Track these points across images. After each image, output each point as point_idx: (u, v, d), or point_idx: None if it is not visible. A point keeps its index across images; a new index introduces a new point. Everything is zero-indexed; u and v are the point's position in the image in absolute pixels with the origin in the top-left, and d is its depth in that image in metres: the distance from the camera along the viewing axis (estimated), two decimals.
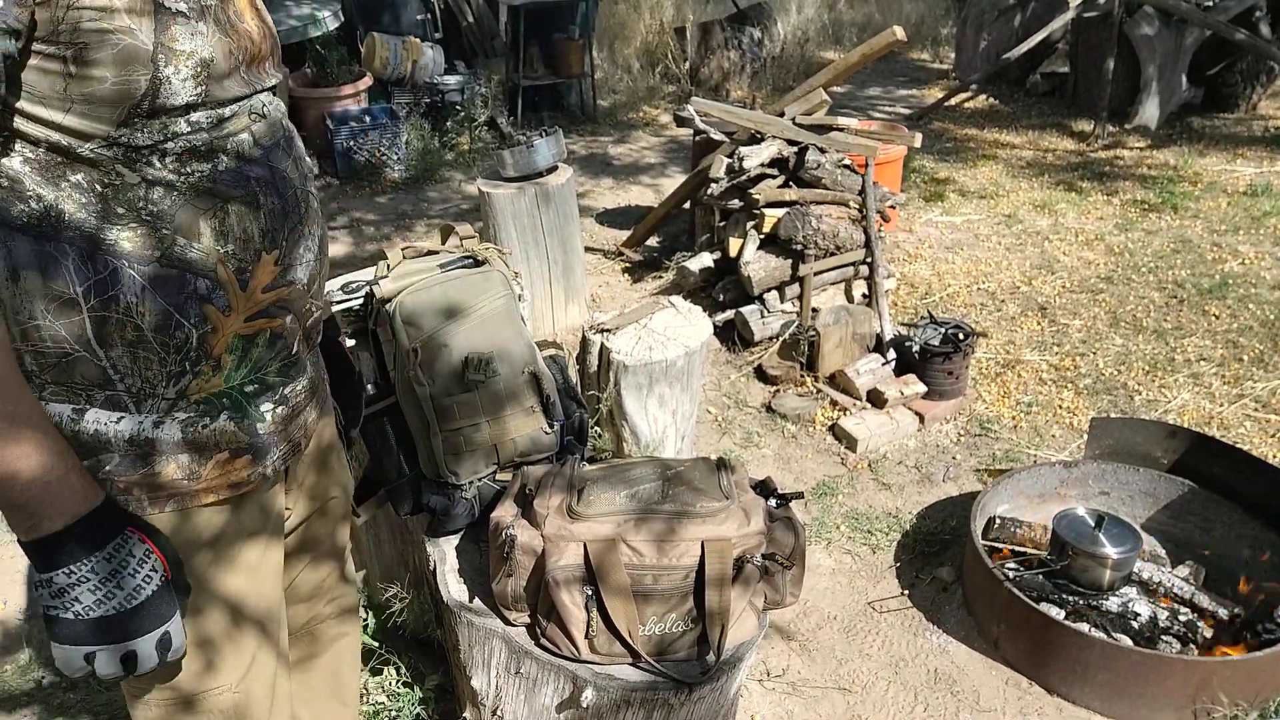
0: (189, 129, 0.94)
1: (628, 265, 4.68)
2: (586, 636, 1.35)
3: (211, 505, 1.04)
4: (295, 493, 1.26)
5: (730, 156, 3.83)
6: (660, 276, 4.44)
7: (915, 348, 3.29)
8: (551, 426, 1.63)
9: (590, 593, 1.35)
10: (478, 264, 1.74)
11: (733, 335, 3.71)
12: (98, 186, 0.92)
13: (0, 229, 0.90)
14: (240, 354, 1.03)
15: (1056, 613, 2.19)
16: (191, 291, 0.97)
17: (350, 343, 1.45)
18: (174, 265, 0.96)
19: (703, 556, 1.36)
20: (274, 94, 1.07)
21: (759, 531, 1.41)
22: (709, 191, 3.87)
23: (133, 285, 0.94)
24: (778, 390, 3.46)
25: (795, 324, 3.53)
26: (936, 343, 3.25)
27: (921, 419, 3.24)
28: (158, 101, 0.91)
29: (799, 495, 1.51)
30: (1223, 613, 2.18)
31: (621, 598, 1.34)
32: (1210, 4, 6.60)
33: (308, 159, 1.15)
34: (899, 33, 3.98)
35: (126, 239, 0.94)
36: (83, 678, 0.91)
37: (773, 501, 1.50)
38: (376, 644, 2.12)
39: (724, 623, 1.36)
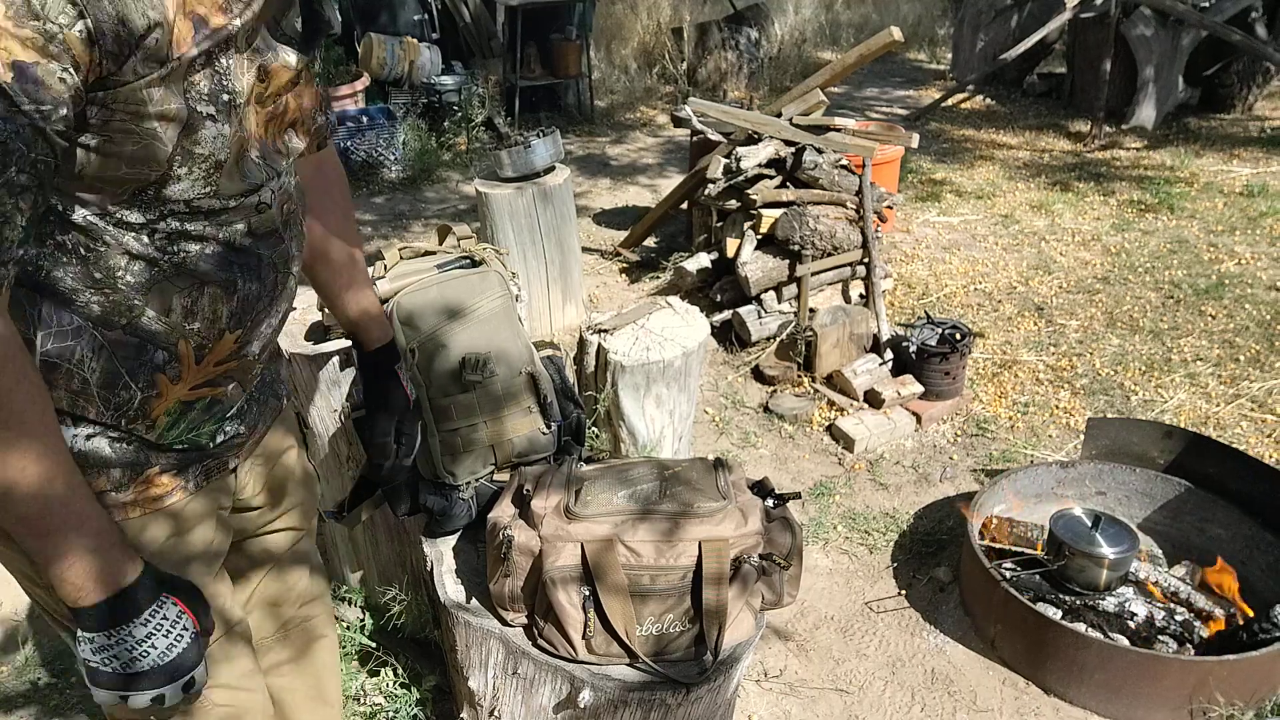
0: (186, 215, 0.95)
1: (625, 265, 4.68)
2: (584, 637, 1.35)
3: (138, 518, 1.03)
4: (255, 498, 1.26)
5: (727, 157, 3.83)
6: (657, 277, 4.44)
7: (912, 348, 3.29)
8: (549, 427, 1.63)
9: (587, 593, 1.35)
10: (475, 264, 1.74)
11: (730, 336, 3.71)
12: (81, 250, 0.91)
13: None
14: (177, 416, 1.03)
15: (1053, 613, 2.19)
16: (147, 360, 0.97)
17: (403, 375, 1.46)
18: (137, 334, 0.96)
19: (700, 556, 1.36)
20: (287, 172, 1.08)
21: (756, 532, 1.41)
22: (706, 192, 3.87)
23: (91, 343, 0.94)
24: (775, 390, 3.46)
25: (792, 324, 3.54)
26: (933, 343, 3.26)
27: (919, 419, 3.24)
28: (163, 192, 0.91)
29: (796, 495, 1.51)
30: (1219, 612, 2.18)
31: (619, 598, 1.34)
32: (1207, 5, 6.62)
33: (304, 235, 1.15)
34: (896, 33, 3.98)
35: (97, 303, 0.93)
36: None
37: (770, 501, 1.50)
38: (374, 645, 2.12)
39: (721, 623, 1.36)
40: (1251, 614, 2.15)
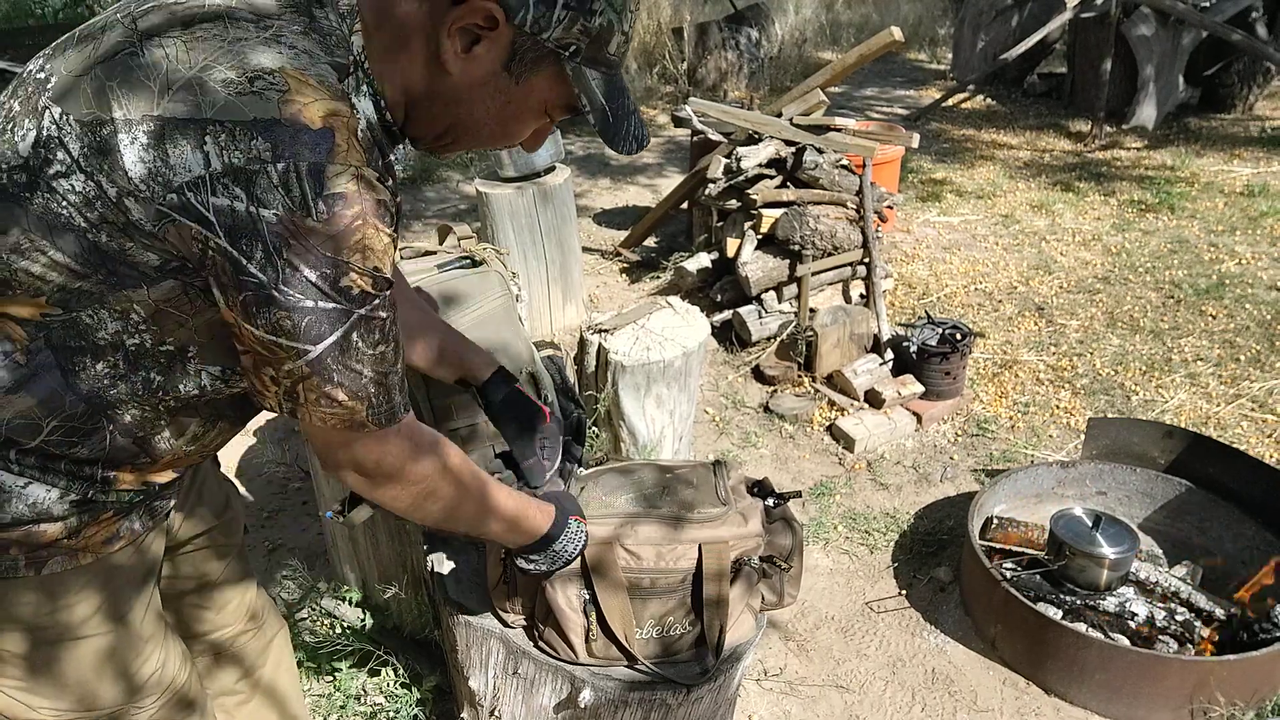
0: None
1: (625, 265, 4.68)
2: (586, 641, 1.35)
3: (89, 564, 1.02)
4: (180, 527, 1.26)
5: (728, 157, 3.83)
6: (658, 277, 4.44)
7: (913, 348, 3.29)
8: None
9: (587, 596, 1.35)
10: (475, 264, 1.74)
11: (730, 335, 3.71)
12: (155, 377, 0.94)
13: (49, 343, 0.89)
14: (130, 489, 1.03)
15: (1054, 613, 2.19)
16: (130, 457, 0.98)
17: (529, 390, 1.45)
18: (140, 444, 0.98)
19: (700, 558, 1.36)
20: None
21: (756, 534, 1.41)
22: (707, 192, 3.87)
23: (97, 441, 0.95)
24: (775, 390, 3.46)
25: (793, 324, 3.54)
26: (934, 343, 3.26)
27: (919, 419, 3.24)
28: None
29: (797, 494, 1.51)
30: (1220, 613, 2.18)
31: (618, 600, 1.34)
32: (1207, 5, 6.62)
33: None
34: (896, 33, 3.98)
35: (131, 416, 0.95)
36: None
37: (771, 501, 1.50)
38: (374, 645, 2.12)
39: (722, 624, 1.36)
40: (1251, 611, 2.15)
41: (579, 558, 1.30)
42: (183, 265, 0.85)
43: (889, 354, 3.44)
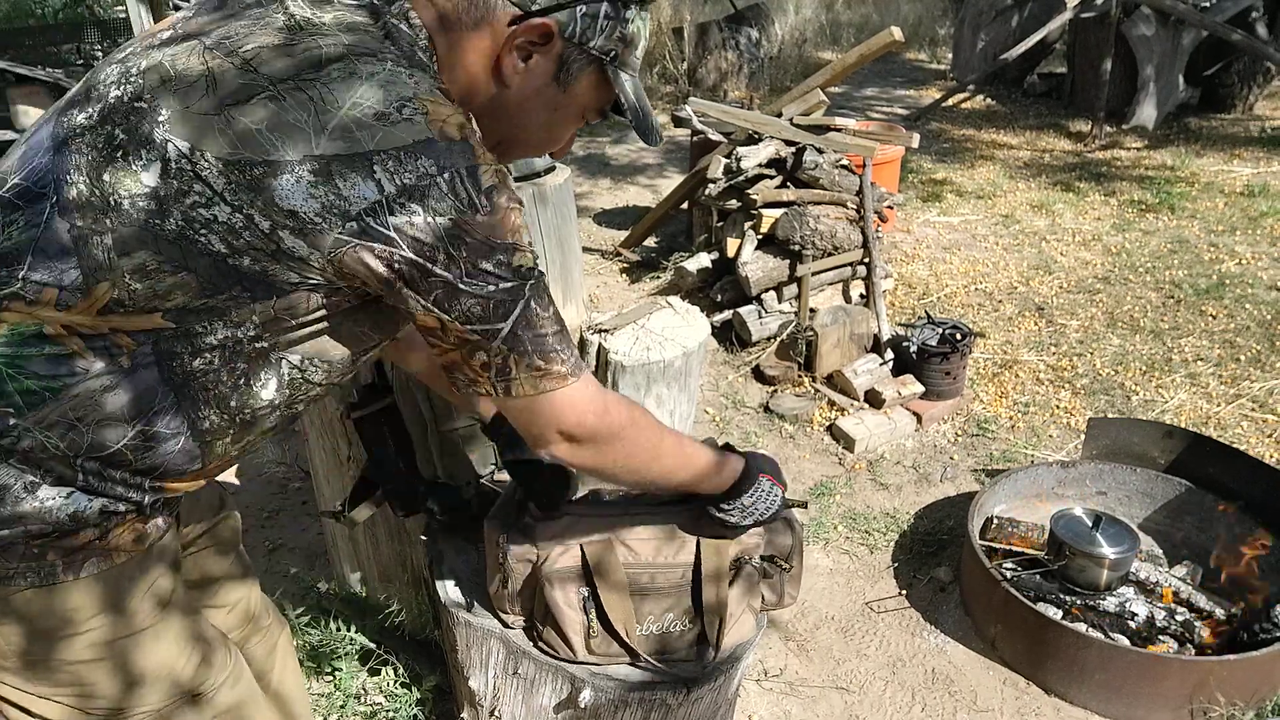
0: (343, 375, 1.08)
1: (625, 265, 4.68)
2: (585, 639, 1.35)
3: (123, 564, 1.03)
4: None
5: (728, 157, 3.83)
6: (658, 277, 4.44)
7: (913, 348, 3.29)
8: None
9: (586, 593, 1.35)
10: None
11: (730, 336, 3.71)
12: (243, 381, 0.98)
13: (155, 349, 0.92)
14: (167, 495, 1.05)
15: (1054, 613, 2.19)
16: (187, 462, 1.01)
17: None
18: (204, 447, 1.01)
19: (699, 554, 1.36)
20: None
21: (757, 532, 1.41)
22: (707, 192, 3.87)
23: (165, 449, 0.98)
24: (775, 390, 3.46)
25: (793, 324, 3.54)
26: (934, 343, 3.26)
27: (919, 419, 3.24)
28: (363, 358, 1.08)
29: (803, 504, 1.51)
30: (1220, 612, 2.18)
31: (619, 596, 1.34)
32: (1207, 5, 6.62)
33: None
34: (896, 33, 3.98)
35: (210, 420, 0.99)
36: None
37: None
38: (374, 645, 2.12)
39: (722, 619, 1.36)
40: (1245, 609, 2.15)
41: (773, 515, 1.37)
42: (324, 284, 0.92)
43: (889, 354, 3.44)
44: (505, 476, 1.65)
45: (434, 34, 0.98)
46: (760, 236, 3.61)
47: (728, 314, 3.68)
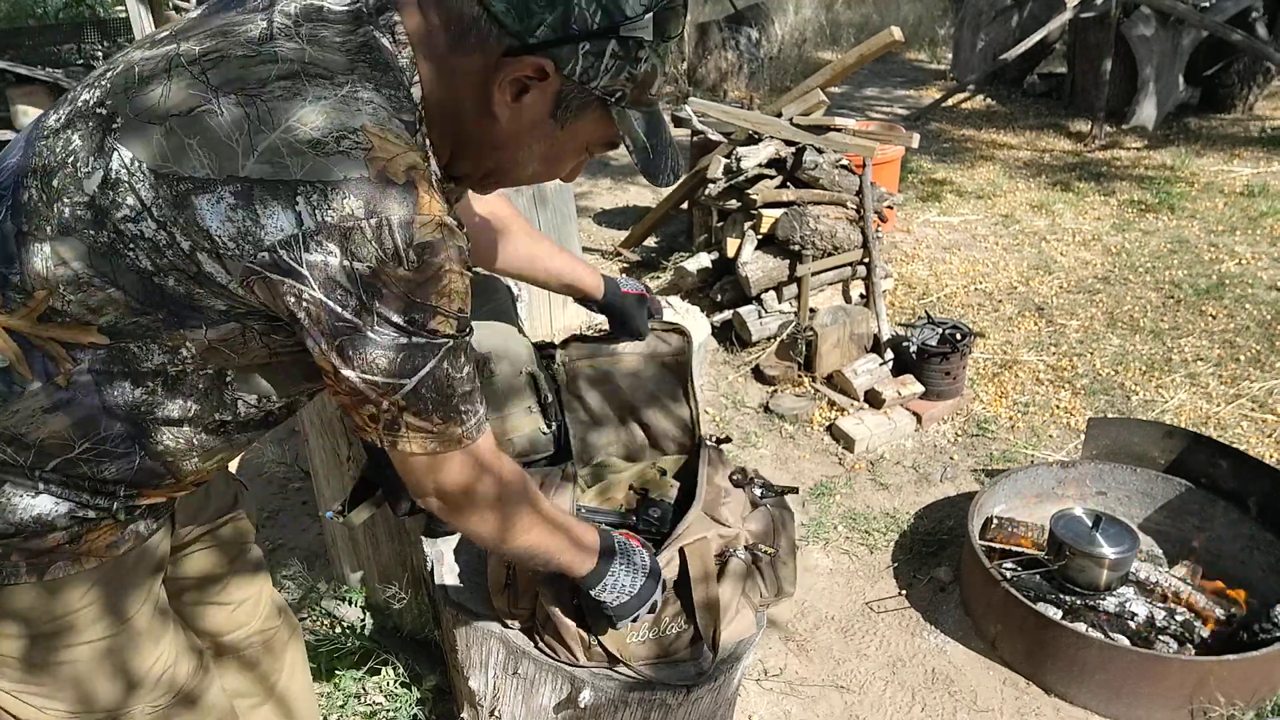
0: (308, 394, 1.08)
1: (626, 265, 4.68)
2: (584, 649, 1.35)
3: (93, 568, 1.03)
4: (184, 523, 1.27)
5: (728, 157, 3.83)
6: (658, 277, 4.44)
7: (913, 348, 3.29)
8: (549, 427, 1.63)
9: (579, 604, 1.35)
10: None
11: (730, 336, 3.71)
12: (213, 398, 0.97)
13: (91, 369, 0.91)
14: (146, 504, 1.05)
15: (1054, 613, 2.19)
16: (156, 479, 1.01)
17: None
18: (168, 467, 1.00)
19: (684, 563, 1.37)
20: None
21: (734, 524, 1.42)
22: (707, 192, 3.87)
23: (125, 463, 0.97)
24: (775, 390, 3.46)
25: (793, 324, 3.54)
26: (934, 343, 3.26)
27: (919, 419, 3.24)
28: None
29: (793, 490, 1.51)
30: (1219, 612, 2.18)
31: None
32: (1207, 5, 6.62)
33: None
34: (896, 33, 3.98)
35: (165, 443, 0.97)
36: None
37: (757, 492, 1.51)
38: (374, 645, 2.12)
39: (716, 620, 1.36)
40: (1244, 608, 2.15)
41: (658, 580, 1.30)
42: (250, 311, 0.88)
43: (889, 354, 3.44)
44: None
45: (419, 51, 0.90)
46: (760, 236, 3.60)
47: (728, 314, 3.68)
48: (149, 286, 0.85)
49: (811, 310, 3.54)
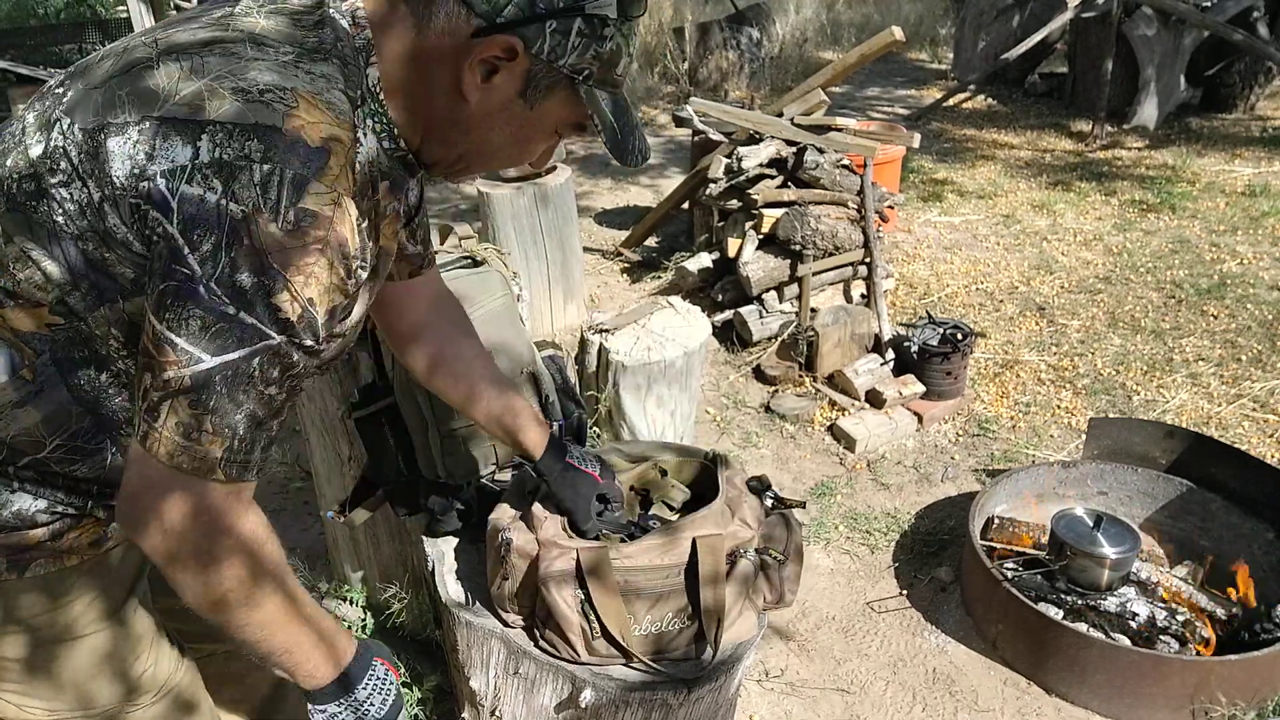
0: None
1: (626, 265, 4.68)
2: (585, 642, 1.35)
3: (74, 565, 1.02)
4: None
5: (729, 157, 3.83)
6: (659, 277, 4.44)
7: (914, 348, 3.29)
8: (550, 426, 1.63)
9: (583, 596, 1.35)
10: (476, 264, 1.74)
11: (731, 335, 3.71)
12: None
13: (54, 357, 0.91)
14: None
15: (1055, 613, 2.19)
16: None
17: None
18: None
19: (694, 552, 1.36)
20: None
21: (750, 526, 1.41)
22: (708, 192, 3.87)
23: (98, 461, 0.97)
24: (776, 390, 3.46)
25: (794, 324, 3.54)
26: (935, 343, 3.25)
27: (920, 419, 3.24)
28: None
29: (801, 504, 1.51)
30: (1221, 612, 2.18)
31: (612, 598, 1.34)
32: (1208, 4, 6.61)
33: None
34: (897, 33, 3.98)
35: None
36: None
37: (769, 501, 1.50)
38: None
39: (720, 618, 1.36)
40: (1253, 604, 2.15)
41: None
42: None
43: (890, 354, 3.44)
44: (505, 477, 1.65)
45: (378, 33, 0.89)
46: (761, 236, 3.60)
47: (729, 314, 3.68)
48: (75, 254, 0.84)
49: (812, 310, 3.54)
